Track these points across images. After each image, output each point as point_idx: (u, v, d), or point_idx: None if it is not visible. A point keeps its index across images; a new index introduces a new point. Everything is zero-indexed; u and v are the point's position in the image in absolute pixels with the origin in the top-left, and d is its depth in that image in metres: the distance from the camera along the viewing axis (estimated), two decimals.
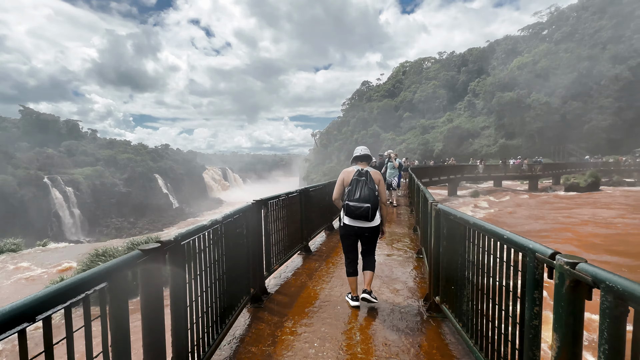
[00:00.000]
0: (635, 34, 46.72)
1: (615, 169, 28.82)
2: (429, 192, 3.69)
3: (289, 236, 4.61)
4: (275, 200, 4.09)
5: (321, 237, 6.39)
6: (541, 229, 10.86)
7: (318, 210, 6.16)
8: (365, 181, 2.99)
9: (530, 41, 70.13)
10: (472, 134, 62.49)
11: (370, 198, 2.93)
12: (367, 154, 3.30)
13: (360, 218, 2.96)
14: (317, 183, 6.66)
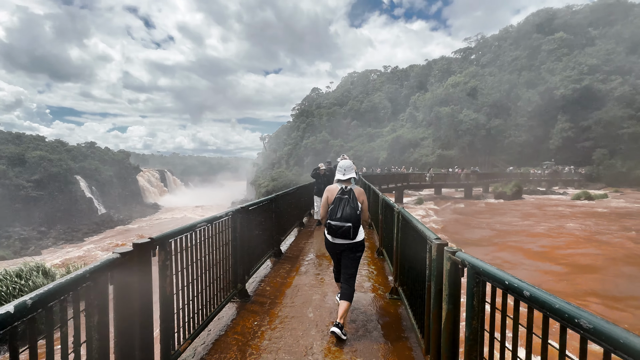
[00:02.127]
0: (541, 64, 55.23)
1: (533, 179, 33.23)
2: (391, 200, 3.50)
3: (265, 238, 4.60)
4: (256, 206, 4.02)
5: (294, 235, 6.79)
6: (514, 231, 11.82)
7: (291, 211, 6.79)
8: (348, 200, 2.96)
9: (462, 63, 78.56)
10: (413, 144, 67.18)
11: (352, 217, 2.90)
12: (352, 176, 3.18)
13: (341, 237, 2.95)
14: (288, 188, 7.23)
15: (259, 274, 4.09)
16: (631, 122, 38.89)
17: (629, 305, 6.26)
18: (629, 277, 6.77)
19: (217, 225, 2.78)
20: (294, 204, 7.27)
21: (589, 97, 44.56)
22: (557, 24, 60.65)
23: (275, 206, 4.97)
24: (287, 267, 4.49)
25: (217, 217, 2.74)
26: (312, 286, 3.81)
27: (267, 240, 4.48)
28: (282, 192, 5.95)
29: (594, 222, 13.56)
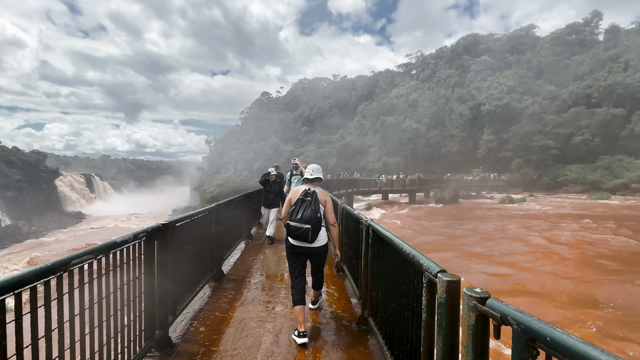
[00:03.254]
0: (470, 82, 61.94)
1: (465, 185, 36.73)
2: (355, 211, 3.02)
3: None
4: (188, 220, 3.28)
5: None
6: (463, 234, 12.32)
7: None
8: (310, 202, 2.92)
9: (404, 77, 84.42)
10: (361, 151, 69.68)
11: (311, 219, 2.85)
12: (318, 176, 3.16)
13: (300, 239, 2.90)
14: (234, 196, 6.43)
15: (191, 308, 3.19)
16: (540, 136, 45.42)
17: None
18: (575, 278, 7.39)
19: (123, 253, 1.94)
20: (241, 214, 6.37)
21: (508, 114, 51.05)
22: (482, 49, 68.80)
23: (216, 218, 4.14)
24: (229, 294, 3.64)
25: (120, 242, 1.88)
26: (261, 320, 3.07)
27: (204, 262, 3.60)
28: (226, 200, 5.10)
29: (527, 224, 15.00)
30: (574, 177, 40.58)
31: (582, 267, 7.91)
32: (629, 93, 43.16)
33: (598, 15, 59.98)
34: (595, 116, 42.28)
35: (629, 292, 6.21)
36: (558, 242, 10.98)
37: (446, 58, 75.66)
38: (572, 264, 8.17)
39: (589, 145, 41.91)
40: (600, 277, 7.08)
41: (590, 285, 6.61)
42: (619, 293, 6.23)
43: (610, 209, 22.18)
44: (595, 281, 6.76)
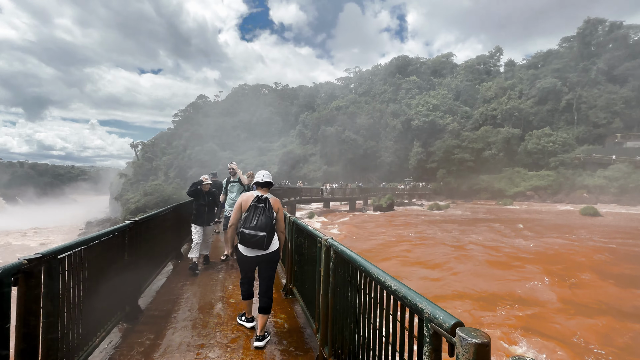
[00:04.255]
0: (402, 99, 67.71)
1: (398, 193, 39.51)
2: (312, 228, 2.61)
3: None
4: (87, 245, 2.46)
5: None
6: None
7: None
8: (263, 208, 2.88)
9: (344, 89, 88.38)
10: (302, 159, 70.14)
11: (267, 226, 2.83)
12: (269, 180, 3.12)
13: (255, 247, 2.85)
14: (162, 208, 5.46)
15: None
16: (459, 150, 51.62)
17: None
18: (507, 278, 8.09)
19: None
20: (169, 229, 5.36)
21: (433, 129, 56.97)
22: (411, 69, 76.12)
23: (133, 239, 3.30)
24: (146, 339, 2.83)
25: None
26: None
27: (110, 299, 2.71)
28: (148, 215, 4.19)
29: (454, 229, 16.40)
30: (485, 186, 46.93)
31: (506, 267, 8.71)
32: (522, 116, 52.05)
33: (500, 50, 71.64)
34: (499, 134, 49.79)
35: (536, 288, 7.10)
36: (481, 244, 12.13)
37: (381, 75, 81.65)
38: (499, 264, 8.98)
39: (496, 159, 49.05)
40: (524, 275, 7.87)
41: (516, 283, 7.26)
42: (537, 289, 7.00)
43: (513, 213, 25.97)
44: (521, 279, 7.50)
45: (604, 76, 48.33)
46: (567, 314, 5.66)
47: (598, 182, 38.08)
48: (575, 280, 7.48)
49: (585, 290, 6.78)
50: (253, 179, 5.58)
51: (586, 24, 54.36)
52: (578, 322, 5.22)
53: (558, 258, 9.99)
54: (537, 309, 5.83)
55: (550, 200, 39.60)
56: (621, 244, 12.47)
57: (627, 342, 4.74)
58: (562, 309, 5.95)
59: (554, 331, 5.06)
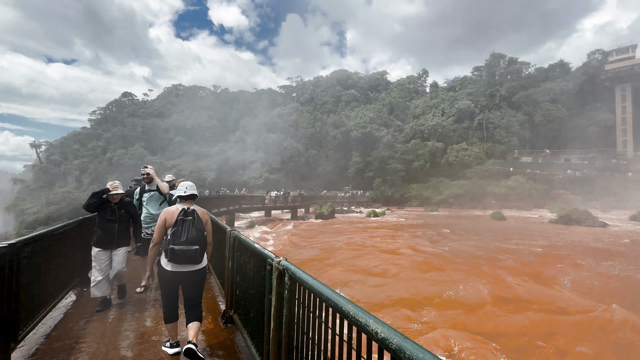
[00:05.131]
0: (342, 110, 70.73)
1: (338, 201, 40.77)
2: (260, 246, 2.33)
3: None
4: None
5: None
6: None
7: None
8: (192, 221, 2.74)
9: (286, 97, 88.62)
10: (242, 166, 67.70)
11: (199, 239, 2.71)
12: (193, 193, 2.93)
13: (187, 262, 2.68)
14: (66, 221, 4.40)
15: None
16: (393, 160, 55.78)
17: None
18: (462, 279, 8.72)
19: None
20: (72, 248, 4.27)
21: (371, 140, 60.60)
22: (350, 83, 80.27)
23: (16, 267, 2.57)
24: None
25: None
26: None
27: None
28: (43, 231, 3.35)
29: (391, 234, 17.39)
30: (415, 194, 51.44)
31: (438, 269, 9.45)
32: (445, 132, 58.86)
33: (426, 72, 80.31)
34: (426, 147, 55.36)
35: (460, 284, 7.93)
36: (415, 249, 13.05)
37: (323, 86, 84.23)
38: (432, 268, 9.70)
39: (423, 169, 54.28)
40: (457, 277, 8.61)
41: (450, 284, 7.89)
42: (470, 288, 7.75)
43: (439, 219, 28.88)
44: (456, 280, 8.19)
45: (505, 102, 57.74)
46: (494, 311, 6.32)
47: (502, 191, 44.89)
48: (500, 278, 8.50)
49: (511, 288, 7.76)
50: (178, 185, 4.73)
51: (492, 57, 64.57)
52: (505, 319, 5.87)
53: (480, 259, 11.30)
54: (470, 309, 6.41)
55: (467, 207, 45.19)
56: (527, 245, 14.72)
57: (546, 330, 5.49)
58: (488, 306, 6.66)
59: (482, 328, 5.58)
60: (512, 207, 41.07)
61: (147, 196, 4.69)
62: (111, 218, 3.88)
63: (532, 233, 18.61)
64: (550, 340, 5.11)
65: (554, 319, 5.79)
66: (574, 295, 7.30)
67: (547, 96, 53.07)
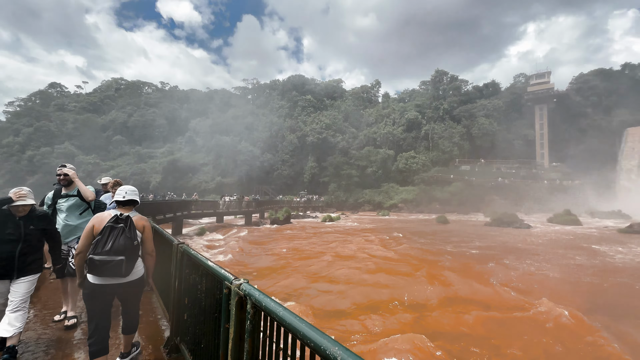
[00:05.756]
0: (298, 115, 70.80)
1: (294, 206, 40.48)
2: (214, 265, 2.00)
3: None
4: None
5: None
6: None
7: None
8: (123, 228, 2.49)
9: (241, 99, 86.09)
10: (192, 169, 63.81)
11: (126, 249, 2.43)
12: (133, 198, 2.69)
13: (110, 275, 2.39)
14: None
15: None
16: (347, 166, 57.26)
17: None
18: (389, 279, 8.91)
19: None
20: None
21: (326, 146, 61.52)
22: (307, 89, 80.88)
23: None
24: None
25: None
26: None
27: None
28: None
29: (346, 240, 17.61)
30: (368, 199, 53.34)
31: (393, 273, 9.71)
32: (395, 140, 62.27)
33: (379, 83, 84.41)
34: (379, 154, 57.90)
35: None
36: (371, 254, 13.35)
37: (279, 90, 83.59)
38: (387, 271, 9.97)
39: (376, 175, 56.62)
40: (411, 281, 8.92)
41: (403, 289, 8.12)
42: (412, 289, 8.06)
43: (390, 223, 30.20)
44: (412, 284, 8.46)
45: (448, 115, 63.11)
46: (447, 311, 6.62)
47: (445, 196, 48.72)
48: (447, 280, 9.00)
49: (456, 287, 8.24)
50: (115, 191, 3.80)
51: (436, 73, 70.30)
52: (456, 319, 6.17)
53: (429, 261, 11.94)
54: (425, 310, 6.63)
55: (415, 211, 48.11)
56: (469, 247, 15.97)
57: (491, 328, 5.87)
58: (440, 306, 6.97)
59: (442, 329, 5.78)
60: (453, 211, 44.71)
61: (64, 203, 3.70)
62: (11, 238, 2.85)
63: (471, 235, 20.36)
64: (498, 338, 5.50)
65: (498, 316, 6.26)
66: (507, 291, 8.05)
67: (482, 111, 59.26)
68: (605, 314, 6.63)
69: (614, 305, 7.16)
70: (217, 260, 11.73)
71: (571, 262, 11.84)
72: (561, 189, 46.51)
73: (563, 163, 51.52)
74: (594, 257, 12.77)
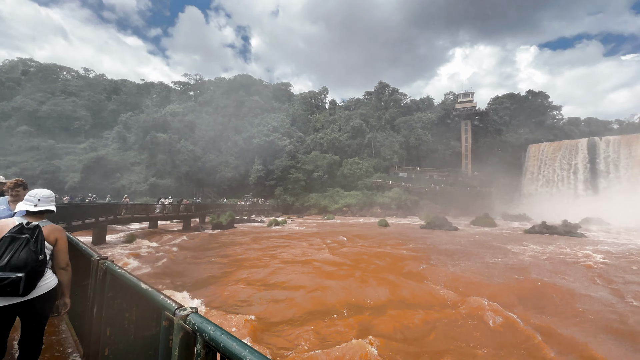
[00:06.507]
0: (245, 116, 68.56)
1: (239, 209, 38.76)
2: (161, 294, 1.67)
3: None
4: None
5: None
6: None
7: None
8: (27, 240, 2.16)
9: (181, 95, 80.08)
10: (120, 168, 57.03)
11: (27, 264, 2.10)
12: (47, 208, 2.37)
13: (3, 295, 2.04)
14: None
15: None
16: (294, 170, 57.17)
17: None
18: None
19: None
20: None
21: (273, 149, 60.59)
22: (254, 90, 78.89)
23: None
24: None
25: None
26: None
27: None
28: None
29: (292, 244, 17.33)
30: (314, 203, 53.92)
31: (342, 278, 9.78)
32: (341, 146, 64.27)
33: (326, 90, 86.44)
34: (325, 159, 59.08)
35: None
36: (318, 258, 13.33)
37: (224, 89, 79.93)
38: (336, 276, 10.00)
39: (322, 180, 57.60)
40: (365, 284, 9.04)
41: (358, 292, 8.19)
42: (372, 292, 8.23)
43: (335, 227, 30.86)
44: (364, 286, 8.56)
45: (389, 124, 67.47)
46: (396, 313, 6.83)
47: (385, 201, 51.78)
48: (389, 280, 9.38)
49: (399, 288, 8.62)
50: (14, 193, 3.24)
51: (379, 85, 74.76)
52: (402, 320, 6.39)
53: (372, 263, 12.37)
54: (373, 313, 6.75)
55: (358, 215, 50.09)
56: (412, 248, 17.03)
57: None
58: (387, 307, 7.19)
59: (390, 332, 5.91)
60: (392, 215, 47.69)
61: None
62: None
63: (409, 237, 21.86)
64: (436, 335, 5.84)
65: (435, 314, 6.69)
66: (440, 289, 8.74)
67: (419, 123, 64.70)
68: (522, 305, 7.60)
69: (526, 298, 8.25)
70: (146, 272, 10.50)
71: (491, 261, 13.43)
72: (481, 195, 53.11)
73: (482, 172, 58.95)
74: (507, 256, 14.70)
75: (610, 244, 19.34)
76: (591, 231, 26.52)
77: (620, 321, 6.62)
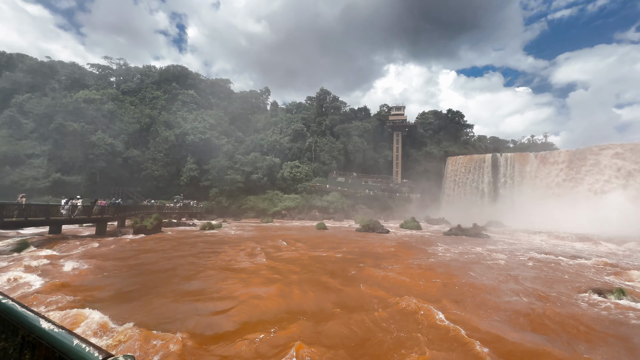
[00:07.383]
0: (178, 110, 63.12)
1: (167, 212, 35.19)
2: None
3: None
4: None
5: None
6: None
7: None
8: None
9: (100, 80, 69.95)
10: (12, 161, 46.97)
11: None
12: None
13: None
14: None
15: None
16: (231, 171, 54.61)
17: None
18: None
19: None
20: None
21: (209, 147, 56.98)
22: (190, 83, 73.35)
23: None
24: None
25: None
26: None
27: None
28: None
29: (224, 251, 16.34)
30: (252, 205, 52.26)
31: (283, 284, 9.53)
32: (282, 149, 63.78)
33: (268, 91, 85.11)
34: (265, 161, 57.87)
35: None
36: (257, 264, 12.82)
37: (154, 78, 72.53)
38: (277, 281, 9.71)
39: (261, 182, 56.23)
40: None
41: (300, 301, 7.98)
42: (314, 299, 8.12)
43: (274, 231, 30.34)
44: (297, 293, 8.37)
45: (329, 130, 69.45)
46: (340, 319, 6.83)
47: (324, 204, 52.99)
48: (328, 285, 9.45)
49: (337, 292, 8.72)
50: None
51: (321, 91, 76.60)
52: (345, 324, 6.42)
53: (311, 268, 12.38)
54: (308, 319, 6.67)
55: (297, 218, 50.18)
56: (347, 252, 17.53)
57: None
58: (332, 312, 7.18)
59: (331, 340, 5.87)
60: (330, 218, 49.01)
61: None
62: None
63: (345, 240, 22.66)
64: (376, 335, 6.05)
65: (374, 315, 6.95)
66: (376, 290, 9.20)
67: (356, 131, 68.05)
68: (448, 300, 8.42)
69: (452, 294, 9.18)
70: (38, 287, 8.70)
71: (416, 262, 14.70)
72: (408, 201, 58.24)
73: (410, 180, 64.77)
74: (429, 257, 16.29)
75: (507, 243, 23.02)
76: (492, 232, 31.20)
77: (525, 307, 7.83)
